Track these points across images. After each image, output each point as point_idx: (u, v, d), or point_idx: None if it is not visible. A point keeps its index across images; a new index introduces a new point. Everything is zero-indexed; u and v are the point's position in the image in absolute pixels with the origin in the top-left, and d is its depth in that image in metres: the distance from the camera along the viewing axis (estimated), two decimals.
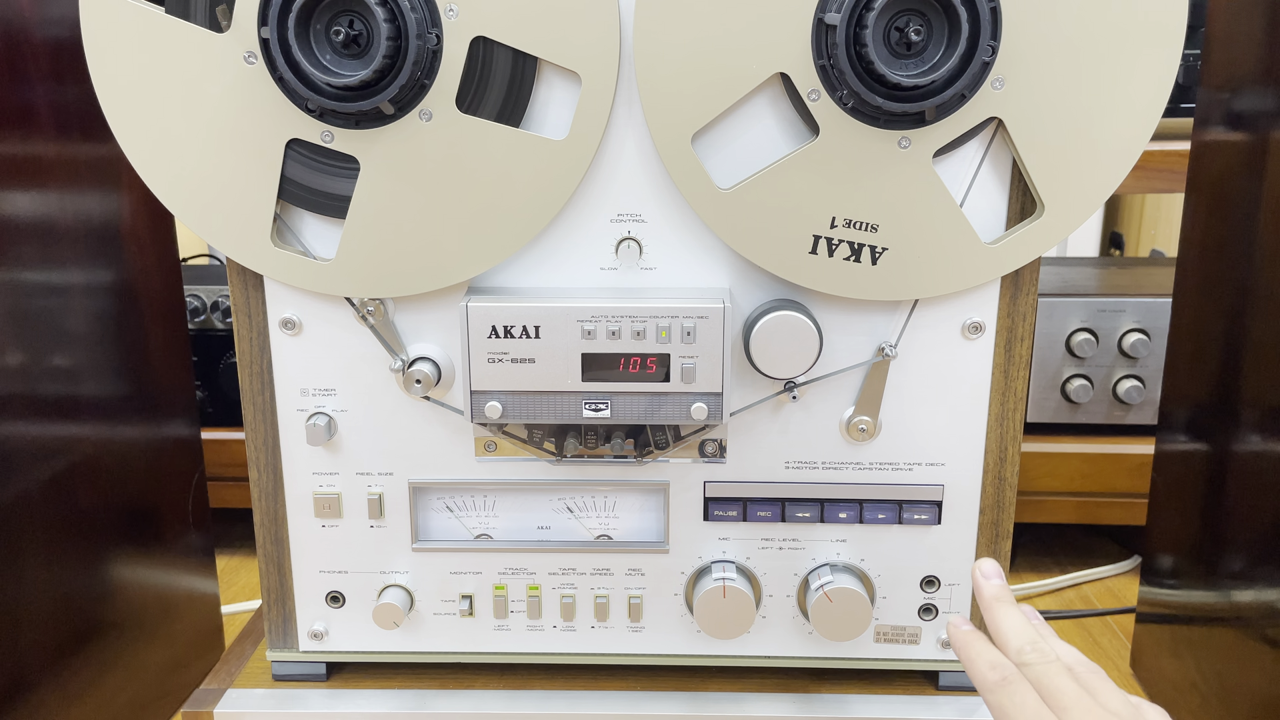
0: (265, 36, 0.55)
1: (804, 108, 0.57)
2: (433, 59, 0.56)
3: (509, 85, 0.58)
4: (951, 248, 0.60)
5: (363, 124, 0.58)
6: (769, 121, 0.59)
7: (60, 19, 0.74)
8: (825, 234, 0.59)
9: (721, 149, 0.60)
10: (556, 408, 0.61)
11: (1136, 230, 2.07)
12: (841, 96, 0.56)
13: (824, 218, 0.59)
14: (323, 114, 0.57)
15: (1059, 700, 0.47)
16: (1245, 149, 0.77)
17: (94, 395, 0.80)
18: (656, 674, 0.72)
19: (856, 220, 0.59)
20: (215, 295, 1.19)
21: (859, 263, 0.59)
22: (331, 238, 0.62)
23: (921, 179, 0.58)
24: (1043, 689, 0.48)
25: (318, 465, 0.67)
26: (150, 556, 0.88)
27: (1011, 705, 0.47)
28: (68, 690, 0.77)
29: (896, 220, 0.59)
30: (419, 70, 0.56)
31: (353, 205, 0.60)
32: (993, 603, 0.54)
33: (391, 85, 0.55)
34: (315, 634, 0.70)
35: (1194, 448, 0.85)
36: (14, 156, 0.71)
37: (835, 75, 0.56)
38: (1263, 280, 0.75)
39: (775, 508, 0.67)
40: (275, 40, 0.55)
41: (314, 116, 0.58)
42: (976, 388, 0.65)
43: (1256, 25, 0.76)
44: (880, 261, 0.60)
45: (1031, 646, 0.50)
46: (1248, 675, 0.76)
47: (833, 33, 0.54)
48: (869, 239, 0.59)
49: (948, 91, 0.55)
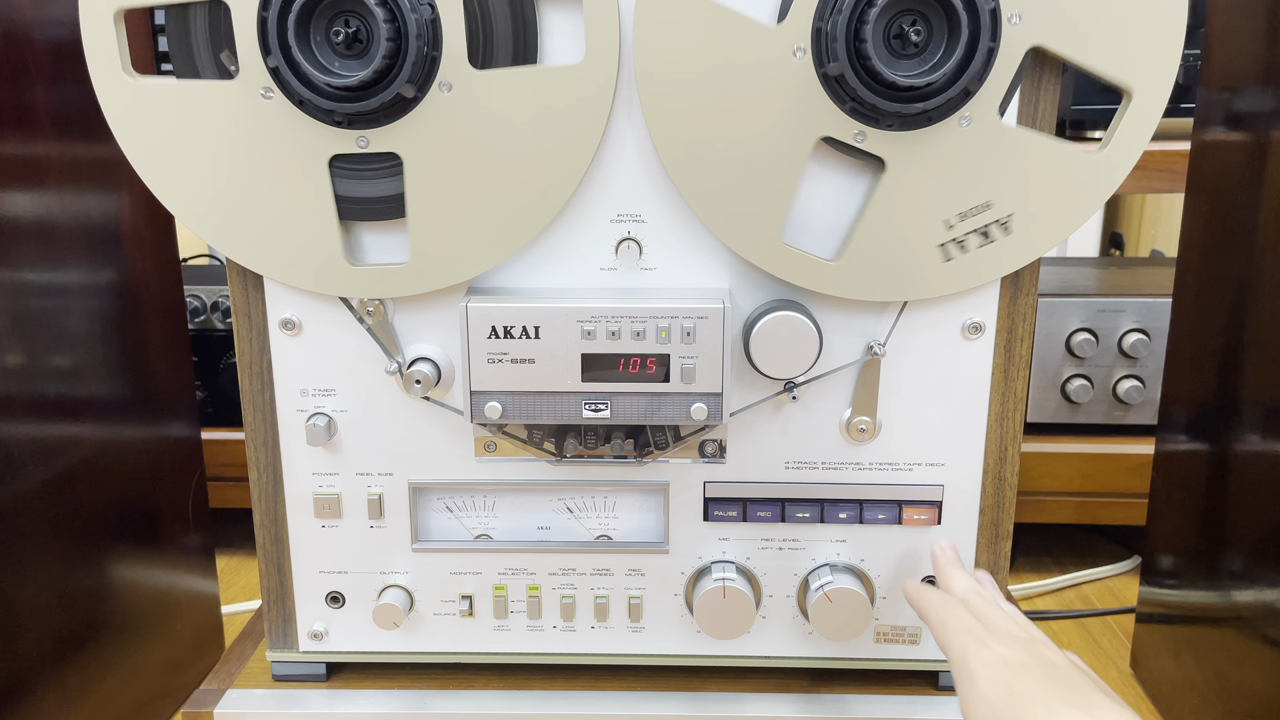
0: (273, 65, 0.55)
1: (854, 149, 0.58)
2: (433, 30, 0.56)
3: (513, 29, 0.57)
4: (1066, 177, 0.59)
5: (390, 116, 0.57)
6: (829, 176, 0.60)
7: (60, 19, 0.74)
8: (947, 238, 0.59)
9: (808, 224, 0.61)
10: (556, 408, 0.61)
11: (1136, 230, 2.07)
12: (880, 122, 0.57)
13: (937, 226, 0.59)
14: (351, 122, 0.57)
15: (989, 622, 0.55)
16: (1245, 149, 0.77)
17: (94, 395, 0.80)
18: (656, 674, 0.72)
19: (965, 210, 0.59)
20: (215, 295, 1.19)
21: (995, 241, 0.60)
22: (380, 244, 0.62)
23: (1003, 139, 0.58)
24: (975, 613, 0.56)
25: (318, 465, 0.67)
26: (150, 556, 0.88)
27: (949, 617, 0.56)
28: (68, 690, 0.77)
29: (1000, 186, 0.59)
30: (424, 44, 0.55)
31: (409, 201, 0.59)
32: (946, 566, 0.63)
33: (398, 79, 0.55)
34: (315, 634, 0.70)
35: (1194, 448, 0.85)
36: (14, 156, 0.71)
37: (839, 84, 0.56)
38: (1263, 281, 0.75)
39: (775, 508, 0.67)
40: (284, 65, 0.55)
41: (344, 127, 0.58)
42: (976, 388, 0.65)
43: (1256, 25, 0.76)
44: (1012, 226, 0.59)
45: (974, 594, 0.59)
46: (1248, 675, 0.76)
47: (833, 40, 0.54)
48: (989, 217, 0.59)
49: (956, 85, 0.55)
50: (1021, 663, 0.51)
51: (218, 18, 0.58)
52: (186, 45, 0.58)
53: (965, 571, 0.62)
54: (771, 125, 0.57)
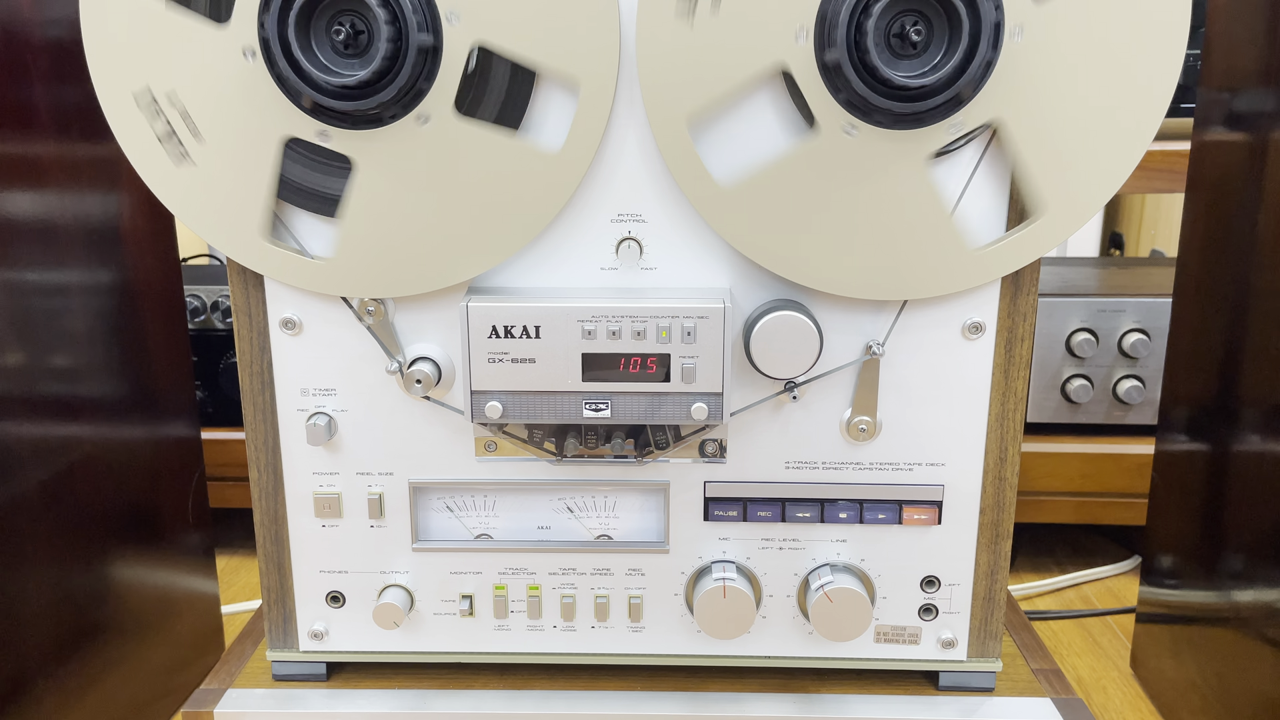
0: (265, 35, 0.55)
1: (804, 104, 0.57)
2: (432, 62, 0.56)
3: (508, 91, 0.58)
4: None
5: (359, 124, 0.58)
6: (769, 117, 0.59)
7: (60, 19, 0.74)
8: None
9: (722, 145, 0.60)
10: (557, 408, 0.61)
11: (1136, 230, 2.07)
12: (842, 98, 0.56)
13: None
14: (318, 112, 0.57)
15: None
16: (1245, 149, 0.77)
17: (94, 395, 0.80)
18: (656, 674, 0.72)
19: None
20: (215, 295, 1.19)
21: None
22: (330, 237, 0.62)
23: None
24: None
25: (318, 465, 0.67)
26: (150, 556, 0.88)
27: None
28: (68, 690, 0.77)
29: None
30: (419, 70, 0.56)
31: (348, 205, 0.60)
32: None
33: (391, 86, 0.55)
34: (315, 634, 0.70)
35: (1194, 448, 0.85)
36: (14, 156, 0.71)
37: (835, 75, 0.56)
38: (1263, 280, 0.75)
39: (775, 508, 0.67)
40: (275, 38, 0.55)
41: (309, 115, 0.58)
42: (976, 388, 0.65)
43: (1256, 25, 0.76)
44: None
45: None
46: (1248, 675, 0.76)
47: (834, 32, 0.54)
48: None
49: (949, 91, 0.55)
50: None
51: None
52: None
53: None
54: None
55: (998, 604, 0.69)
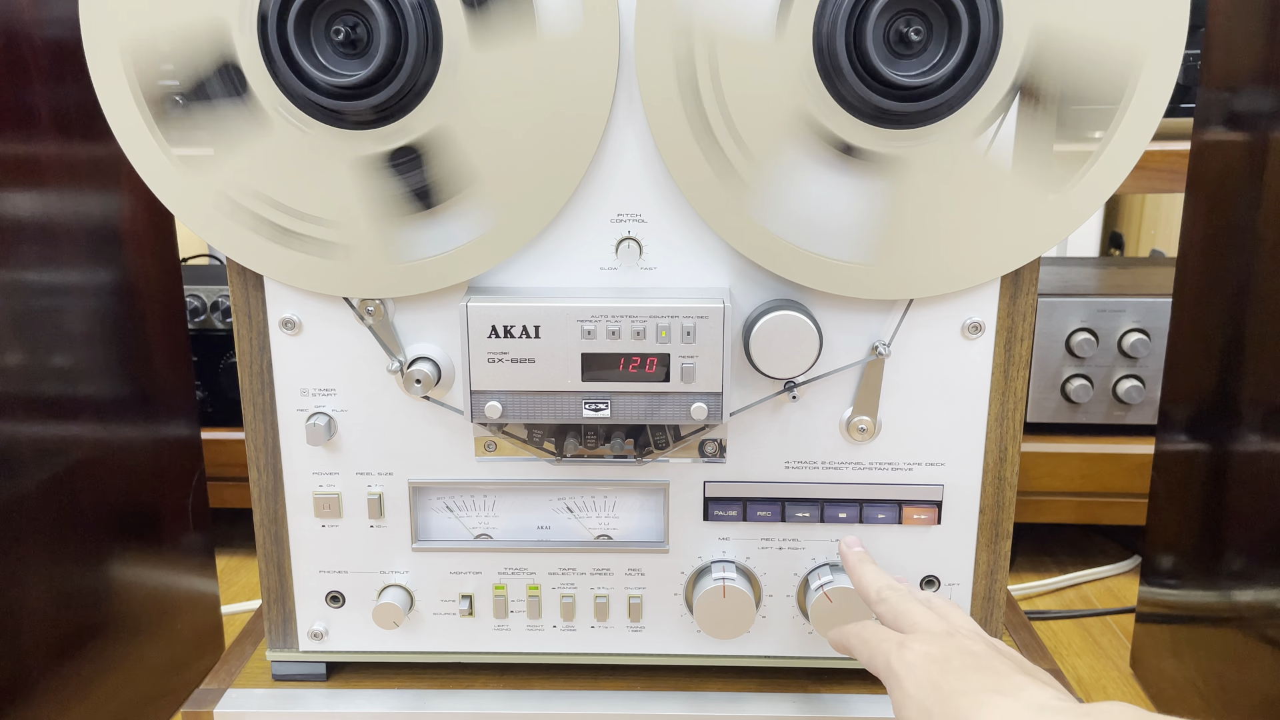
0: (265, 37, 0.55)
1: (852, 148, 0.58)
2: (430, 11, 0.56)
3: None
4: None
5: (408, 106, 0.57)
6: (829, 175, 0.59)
7: (60, 19, 0.74)
8: None
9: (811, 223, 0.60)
10: (556, 408, 0.61)
11: (1136, 230, 2.07)
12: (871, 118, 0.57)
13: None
14: (374, 122, 0.57)
15: (908, 619, 0.56)
16: (1245, 149, 0.77)
17: (94, 395, 0.80)
18: (656, 674, 0.72)
19: None
20: (215, 295, 1.19)
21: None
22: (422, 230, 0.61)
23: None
24: (895, 614, 0.57)
25: (318, 465, 0.67)
26: (150, 556, 0.88)
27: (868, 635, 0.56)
28: (68, 690, 0.77)
29: None
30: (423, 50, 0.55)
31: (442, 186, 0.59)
32: (856, 564, 0.63)
33: (391, 85, 0.55)
34: (315, 634, 0.70)
35: (1194, 448, 0.85)
36: (14, 156, 0.71)
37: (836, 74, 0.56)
38: (1263, 280, 0.75)
39: (775, 508, 0.67)
40: (275, 39, 0.55)
41: (367, 128, 0.58)
42: (976, 388, 0.65)
43: (1256, 25, 0.76)
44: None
45: (889, 588, 0.60)
46: (1248, 675, 0.76)
47: (832, 37, 0.54)
48: None
49: (948, 91, 0.55)
50: (943, 656, 0.51)
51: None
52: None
53: (877, 567, 0.63)
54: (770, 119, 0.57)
55: (997, 604, 0.69)
